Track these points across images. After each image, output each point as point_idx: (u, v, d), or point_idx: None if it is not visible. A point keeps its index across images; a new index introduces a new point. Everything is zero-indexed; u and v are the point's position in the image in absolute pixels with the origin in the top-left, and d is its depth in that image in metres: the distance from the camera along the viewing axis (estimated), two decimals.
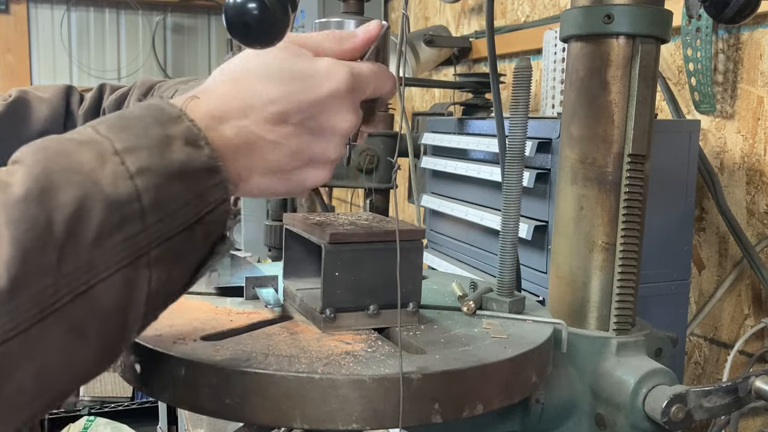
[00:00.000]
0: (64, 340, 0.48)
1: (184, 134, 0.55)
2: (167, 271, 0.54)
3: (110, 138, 0.53)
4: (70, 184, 0.49)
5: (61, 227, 0.47)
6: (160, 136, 0.54)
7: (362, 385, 0.58)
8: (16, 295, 0.45)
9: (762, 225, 1.31)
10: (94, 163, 0.51)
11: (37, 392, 0.48)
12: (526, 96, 0.78)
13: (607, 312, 0.83)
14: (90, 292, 0.49)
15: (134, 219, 0.51)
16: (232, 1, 0.62)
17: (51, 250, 0.47)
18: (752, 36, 1.32)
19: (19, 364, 0.46)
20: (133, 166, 0.52)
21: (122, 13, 5.13)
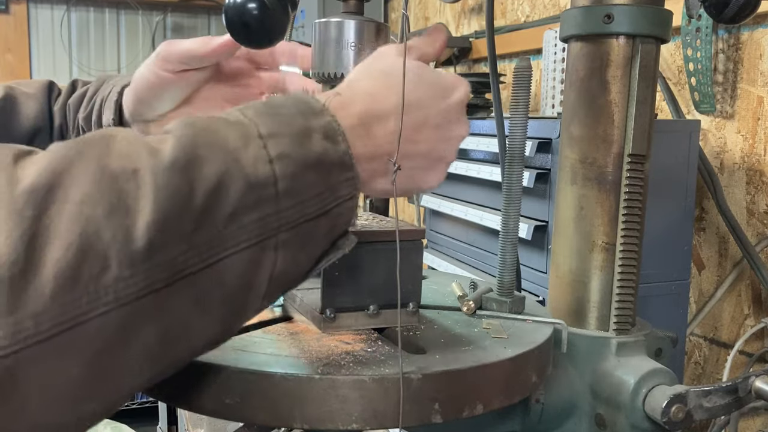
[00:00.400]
0: (188, 307, 0.50)
1: (324, 128, 0.57)
2: (291, 256, 0.55)
3: (256, 122, 0.55)
4: (214, 158, 0.51)
5: (201, 199, 0.49)
6: (301, 127, 0.56)
7: (362, 385, 0.58)
8: (151, 257, 0.47)
9: (762, 225, 1.31)
10: (238, 143, 0.53)
11: (159, 354, 0.50)
12: (526, 96, 0.78)
13: (607, 312, 0.83)
14: (218, 264, 0.50)
15: (269, 201, 0.53)
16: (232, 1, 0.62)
17: (188, 219, 0.49)
18: (752, 36, 1.32)
19: (147, 322, 0.47)
20: (274, 151, 0.53)
21: (122, 13, 5.13)
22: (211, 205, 0.50)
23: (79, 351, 0.44)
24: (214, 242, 0.50)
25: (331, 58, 0.72)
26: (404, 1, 0.73)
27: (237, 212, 0.51)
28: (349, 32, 0.71)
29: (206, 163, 0.51)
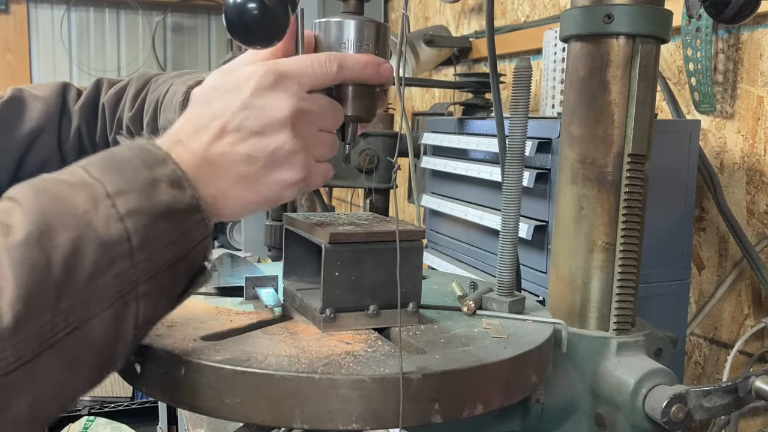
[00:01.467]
0: (59, 371, 0.52)
1: (169, 177, 0.59)
2: (153, 304, 0.58)
3: (102, 181, 0.56)
4: (66, 226, 0.53)
5: (59, 268, 0.51)
6: (147, 179, 0.58)
7: (362, 385, 0.58)
8: (19, 331, 0.49)
9: (762, 225, 1.31)
10: (87, 205, 0.54)
11: (31, 419, 0.52)
12: (526, 96, 0.78)
13: (607, 312, 0.83)
14: (84, 326, 0.53)
15: (124, 258, 0.55)
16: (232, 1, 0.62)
17: (50, 289, 0.51)
18: (752, 36, 1.32)
19: (19, 393, 0.50)
20: (123, 208, 0.55)
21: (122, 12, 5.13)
22: (70, 271, 0.52)
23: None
24: (78, 306, 0.52)
25: None
26: (404, 1, 0.73)
27: (96, 273, 0.53)
28: (349, 32, 0.71)
29: (59, 232, 0.52)
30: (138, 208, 0.56)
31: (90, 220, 0.54)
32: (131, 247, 0.55)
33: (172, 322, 0.70)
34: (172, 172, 0.59)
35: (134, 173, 0.58)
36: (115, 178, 0.57)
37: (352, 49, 0.71)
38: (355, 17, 0.72)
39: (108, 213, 0.55)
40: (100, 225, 0.54)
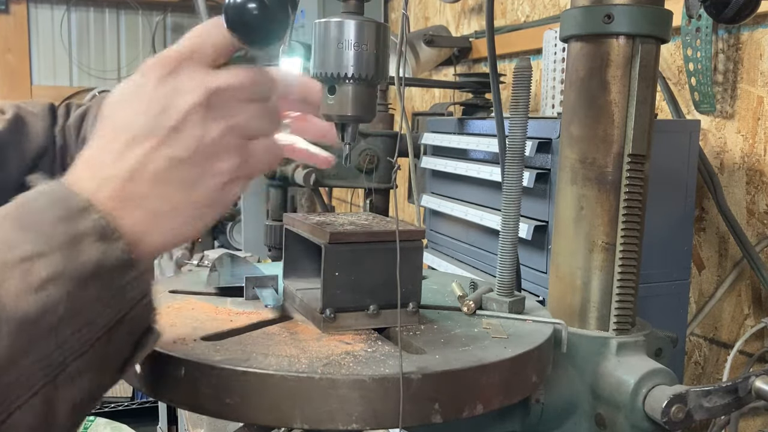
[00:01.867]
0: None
1: (95, 228, 0.50)
2: (90, 380, 0.50)
3: (11, 242, 0.48)
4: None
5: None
6: (67, 235, 0.49)
7: (362, 385, 0.58)
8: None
9: (762, 225, 1.31)
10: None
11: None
12: (526, 96, 0.78)
13: (607, 312, 0.83)
14: (9, 420, 0.46)
15: (44, 337, 0.46)
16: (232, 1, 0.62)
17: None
18: (752, 36, 1.32)
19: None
20: (39, 276, 0.47)
21: (122, 13, 5.13)
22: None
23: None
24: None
25: (331, 59, 0.72)
26: (404, 1, 0.73)
27: (12, 360, 0.45)
28: (349, 32, 0.71)
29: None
30: (60, 273, 0.47)
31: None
32: (52, 322, 0.46)
33: (172, 322, 0.70)
34: (97, 222, 0.50)
35: (51, 228, 0.49)
36: (27, 238, 0.48)
37: (352, 49, 0.71)
38: (355, 17, 0.72)
39: (19, 285, 0.46)
40: (9, 301, 0.45)
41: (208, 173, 0.56)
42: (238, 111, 0.58)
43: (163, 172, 0.54)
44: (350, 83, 0.71)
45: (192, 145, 0.55)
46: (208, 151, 0.55)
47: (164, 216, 0.55)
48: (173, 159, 0.55)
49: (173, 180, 0.55)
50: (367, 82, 0.72)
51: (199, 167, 0.55)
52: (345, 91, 0.71)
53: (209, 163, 0.56)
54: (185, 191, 0.55)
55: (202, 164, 0.55)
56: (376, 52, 0.70)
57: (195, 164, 0.55)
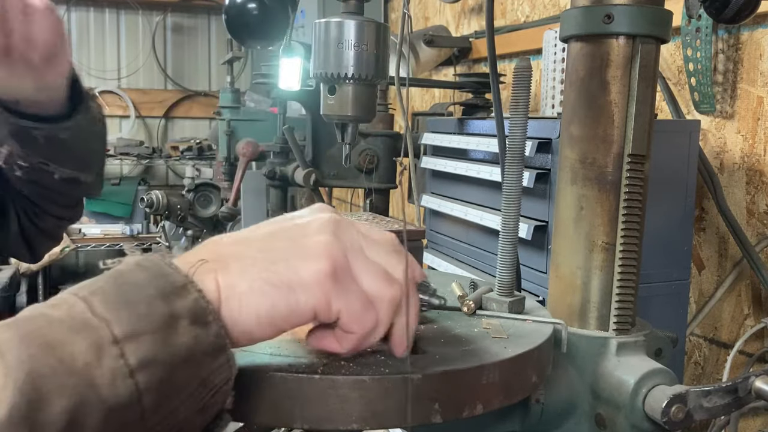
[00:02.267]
0: None
1: (191, 310, 0.48)
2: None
3: (108, 320, 0.45)
4: (62, 390, 0.41)
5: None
6: (164, 316, 0.46)
7: (362, 385, 0.58)
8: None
9: (762, 225, 1.31)
10: (89, 357, 0.43)
11: None
12: (526, 96, 0.78)
13: (607, 312, 0.83)
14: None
15: (134, 423, 0.44)
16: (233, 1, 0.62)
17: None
18: (752, 36, 1.32)
19: None
20: (134, 359, 0.44)
21: (122, 13, 5.13)
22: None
23: None
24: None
25: (331, 59, 0.72)
26: (405, 1, 0.73)
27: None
28: (349, 32, 0.71)
29: (53, 400, 0.41)
30: (154, 357, 0.44)
31: (92, 376, 0.42)
32: (143, 408, 0.44)
33: None
34: (195, 303, 0.48)
35: (148, 307, 0.46)
36: (124, 316, 0.45)
37: (352, 49, 0.71)
38: (355, 17, 0.72)
39: (115, 366, 0.43)
40: (104, 383, 0.43)
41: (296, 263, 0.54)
42: None
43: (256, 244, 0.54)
44: (350, 83, 0.71)
45: None
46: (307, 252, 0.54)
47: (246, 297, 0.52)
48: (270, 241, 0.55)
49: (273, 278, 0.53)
50: (367, 82, 0.72)
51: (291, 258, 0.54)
52: (345, 91, 0.71)
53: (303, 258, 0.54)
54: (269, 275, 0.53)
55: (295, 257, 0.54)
56: (376, 52, 0.70)
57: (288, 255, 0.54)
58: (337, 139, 0.77)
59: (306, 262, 0.53)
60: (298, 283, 0.53)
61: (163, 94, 5.28)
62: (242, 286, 0.51)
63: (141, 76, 5.23)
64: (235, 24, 0.64)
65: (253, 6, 0.61)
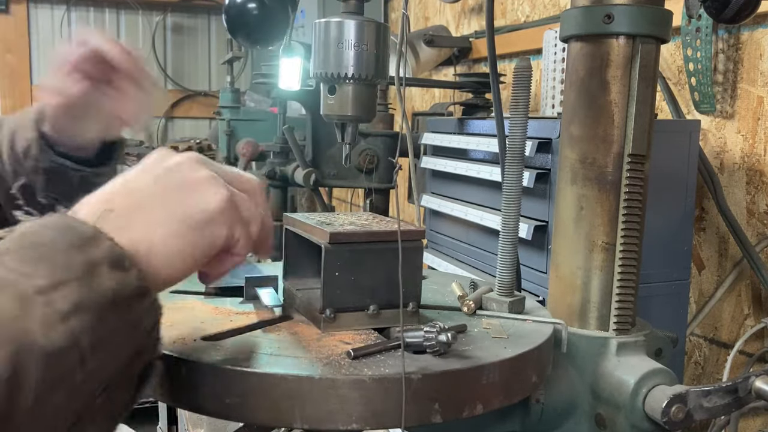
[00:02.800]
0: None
1: (108, 257, 0.49)
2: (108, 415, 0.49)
3: (27, 274, 0.45)
4: None
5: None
6: (84, 264, 0.47)
7: (362, 385, 0.58)
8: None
9: (762, 225, 1.31)
10: (15, 309, 0.43)
11: None
12: (526, 96, 0.78)
13: (607, 312, 0.83)
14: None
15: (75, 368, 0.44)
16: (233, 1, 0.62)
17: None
18: (752, 36, 1.32)
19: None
20: (65, 304, 0.45)
21: (122, 12, 5.13)
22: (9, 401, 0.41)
23: None
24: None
25: (331, 59, 0.72)
26: (404, 1, 0.73)
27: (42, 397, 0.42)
28: (350, 32, 0.71)
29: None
30: (81, 302, 0.45)
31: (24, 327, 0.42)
32: (81, 352, 0.44)
33: (171, 322, 0.70)
34: (110, 249, 0.49)
35: (66, 258, 0.47)
36: (43, 268, 0.45)
37: (352, 49, 0.71)
38: (355, 17, 0.72)
39: (45, 314, 0.43)
40: (38, 331, 0.43)
41: (189, 198, 0.57)
42: None
43: (152, 183, 0.56)
44: (350, 83, 0.71)
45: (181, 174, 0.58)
46: (192, 183, 0.58)
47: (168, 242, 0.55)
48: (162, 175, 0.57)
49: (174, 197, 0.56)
50: (368, 82, 0.72)
51: (182, 189, 0.57)
52: (345, 91, 0.71)
53: (192, 191, 0.58)
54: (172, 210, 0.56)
55: (185, 189, 0.57)
56: (376, 52, 0.70)
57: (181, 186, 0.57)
58: (337, 139, 0.77)
59: (206, 196, 0.57)
60: (210, 217, 0.57)
61: None
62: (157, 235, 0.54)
63: None
64: (235, 24, 0.64)
65: (253, 6, 0.61)
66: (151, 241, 0.54)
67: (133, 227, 0.53)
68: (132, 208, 0.55)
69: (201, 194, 0.57)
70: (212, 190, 0.58)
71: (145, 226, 0.54)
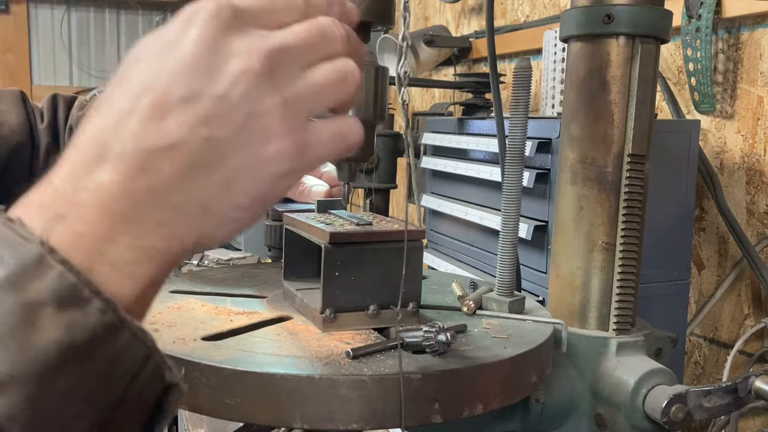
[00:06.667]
0: None
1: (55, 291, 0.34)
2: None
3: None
4: None
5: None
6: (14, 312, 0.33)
7: (362, 385, 0.58)
8: None
9: (762, 225, 1.31)
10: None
11: None
12: (526, 96, 0.78)
13: (607, 312, 0.83)
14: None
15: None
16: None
17: None
18: (752, 36, 1.32)
19: None
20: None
21: (122, 12, 5.13)
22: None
23: None
24: None
25: None
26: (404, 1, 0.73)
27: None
28: None
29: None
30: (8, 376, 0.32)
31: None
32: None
33: (171, 322, 0.70)
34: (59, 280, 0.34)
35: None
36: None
37: None
38: None
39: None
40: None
41: (254, 163, 0.41)
42: (303, 78, 0.44)
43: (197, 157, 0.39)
44: None
45: (238, 121, 0.40)
46: (258, 131, 0.41)
47: (184, 223, 0.40)
48: (211, 140, 0.40)
49: (207, 170, 0.40)
50: (366, 123, 0.71)
51: (245, 154, 0.41)
52: None
53: (258, 147, 0.41)
54: (221, 186, 0.40)
55: (249, 149, 0.41)
56: (374, 93, 0.69)
57: (239, 149, 0.40)
58: None
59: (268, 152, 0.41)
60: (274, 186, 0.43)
61: None
62: (164, 236, 0.39)
63: None
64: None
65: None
66: (153, 248, 0.39)
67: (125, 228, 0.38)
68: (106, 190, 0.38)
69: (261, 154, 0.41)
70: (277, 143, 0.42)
71: (143, 229, 0.39)
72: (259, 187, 0.42)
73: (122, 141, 0.38)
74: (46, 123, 0.97)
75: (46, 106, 0.99)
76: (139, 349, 0.37)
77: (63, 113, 1.00)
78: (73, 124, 0.98)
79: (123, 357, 0.36)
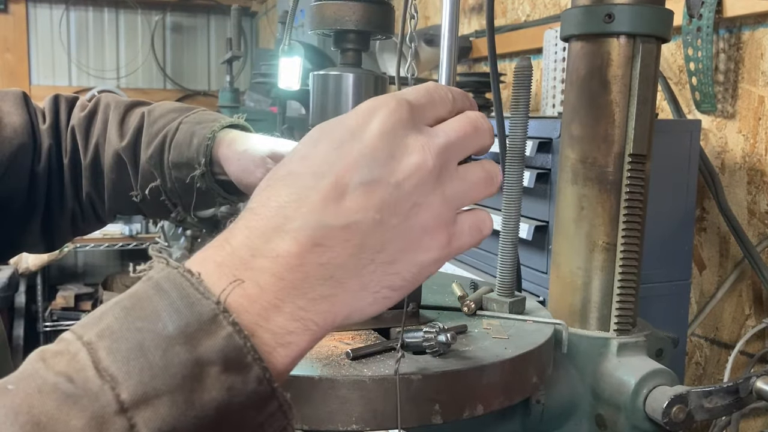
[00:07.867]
0: None
1: (222, 351, 0.37)
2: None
3: (114, 378, 0.35)
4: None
5: None
6: (186, 365, 0.36)
7: (362, 385, 0.58)
8: None
9: (763, 225, 1.31)
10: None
11: None
12: (526, 96, 0.77)
13: (607, 312, 0.82)
14: None
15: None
16: None
17: None
18: (753, 35, 1.32)
19: None
20: (149, 429, 0.35)
21: (121, 12, 5.13)
22: None
23: None
24: None
25: (330, 113, 0.72)
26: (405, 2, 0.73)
27: None
28: (348, 85, 0.71)
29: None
30: (172, 427, 0.35)
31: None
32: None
33: None
34: (227, 341, 0.37)
35: (165, 356, 0.35)
36: (135, 370, 0.35)
37: (350, 102, 0.71)
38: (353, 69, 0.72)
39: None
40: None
41: (412, 249, 0.44)
42: (460, 176, 0.47)
43: (366, 239, 0.42)
44: None
45: (406, 211, 0.43)
46: (420, 221, 0.44)
47: (343, 298, 0.42)
48: (381, 224, 0.42)
49: (373, 252, 0.43)
50: None
51: (406, 240, 0.44)
52: None
53: (418, 236, 0.44)
54: (381, 268, 0.43)
55: (410, 237, 0.44)
56: None
57: (402, 236, 0.44)
58: None
59: (432, 240, 0.45)
60: (431, 268, 0.46)
61: (162, 93, 5.27)
62: (338, 309, 0.42)
63: (140, 75, 5.23)
64: None
65: None
66: (312, 320, 0.41)
67: (293, 302, 0.41)
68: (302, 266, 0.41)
69: (425, 244, 0.45)
70: (434, 233, 0.45)
71: (317, 303, 0.41)
72: (413, 272, 0.45)
73: (303, 215, 0.41)
74: (48, 124, 0.97)
75: (47, 107, 0.99)
76: (280, 420, 0.39)
77: (65, 114, 1.00)
78: (74, 125, 0.98)
79: (265, 427, 0.39)
